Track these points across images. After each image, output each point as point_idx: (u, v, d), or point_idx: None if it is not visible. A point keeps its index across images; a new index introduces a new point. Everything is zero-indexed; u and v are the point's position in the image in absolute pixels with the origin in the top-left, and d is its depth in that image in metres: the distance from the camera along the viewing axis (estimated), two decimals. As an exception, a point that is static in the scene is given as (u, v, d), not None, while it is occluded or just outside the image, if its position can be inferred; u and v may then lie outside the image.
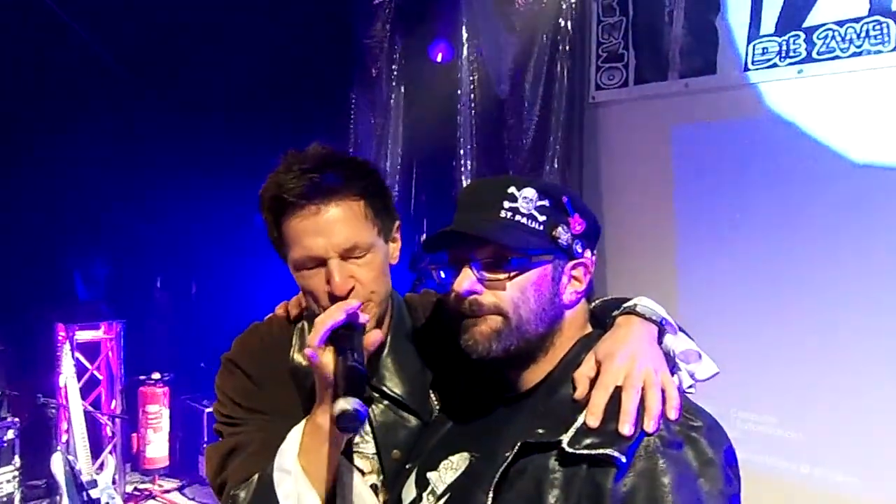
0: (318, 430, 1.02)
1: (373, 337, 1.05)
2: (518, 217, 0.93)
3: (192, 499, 4.24)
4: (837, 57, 2.73)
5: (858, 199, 2.76)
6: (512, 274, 0.93)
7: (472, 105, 3.91)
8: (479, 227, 0.94)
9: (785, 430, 2.99)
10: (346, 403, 0.93)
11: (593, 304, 1.06)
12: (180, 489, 4.36)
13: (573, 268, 0.95)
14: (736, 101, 3.04)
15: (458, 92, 3.90)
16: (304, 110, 4.22)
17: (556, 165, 3.57)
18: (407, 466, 1.06)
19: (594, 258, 0.98)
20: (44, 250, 3.99)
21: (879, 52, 2.61)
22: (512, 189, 0.94)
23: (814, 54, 2.79)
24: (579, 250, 0.95)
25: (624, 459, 0.79)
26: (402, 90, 4.19)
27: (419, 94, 4.09)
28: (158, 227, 4.47)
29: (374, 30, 4.17)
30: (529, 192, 0.93)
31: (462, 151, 3.93)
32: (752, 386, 3.07)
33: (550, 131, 3.60)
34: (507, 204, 0.94)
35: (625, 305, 1.03)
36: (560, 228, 0.93)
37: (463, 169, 3.91)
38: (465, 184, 3.90)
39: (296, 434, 1.05)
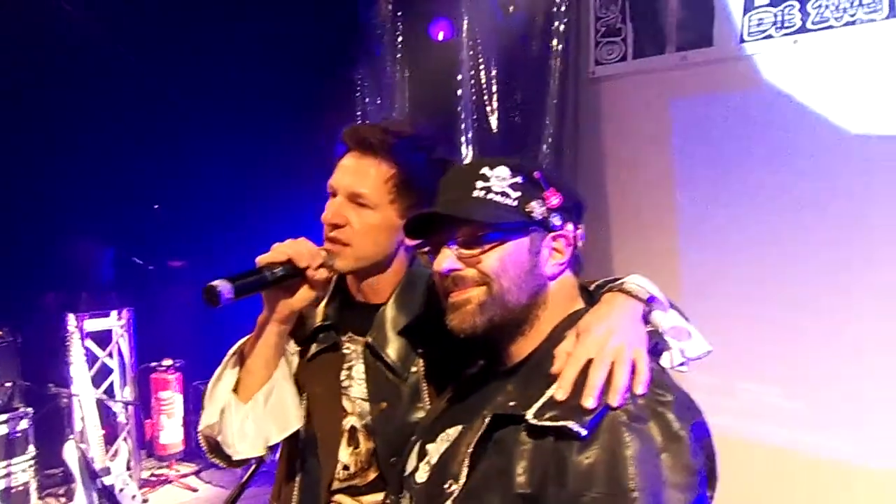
0: (256, 327, 1.23)
1: (319, 275, 1.19)
2: (491, 195, 0.95)
3: (209, 482, 4.30)
4: (831, 26, 2.70)
5: (855, 169, 2.75)
6: (487, 247, 0.96)
7: (472, 83, 3.90)
8: (451, 208, 0.99)
9: (788, 400, 3.01)
10: (217, 281, 1.08)
11: (593, 285, 1.08)
12: (197, 473, 4.42)
13: (553, 239, 0.97)
14: (732, 73, 3.01)
15: (459, 70, 3.89)
16: (309, 92, 4.23)
17: (550, 143, 3.56)
18: (412, 439, 1.10)
19: (579, 231, 0.99)
20: (51, 240, 4.02)
21: (873, 20, 2.58)
22: (484, 170, 0.97)
23: (808, 24, 2.75)
24: (557, 223, 0.96)
25: (584, 432, 0.80)
26: (406, 70, 4.18)
27: (422, 74, 4.08)
28: (166, 213, 4.51)
29: (378, 9, 4.16)
30: (502, 171, 0.95)
31: (463, 130, 3.93)
32: (755, 357, 3.08)
33: (546, 109, 3.59)
34: (479, 184, 0.96)
35: (614, 283, 1.05)
36: (534, 203, 0.95)
37: (465, 148, 3.91)
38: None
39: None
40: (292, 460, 1.32)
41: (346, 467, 1.27)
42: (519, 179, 0.95)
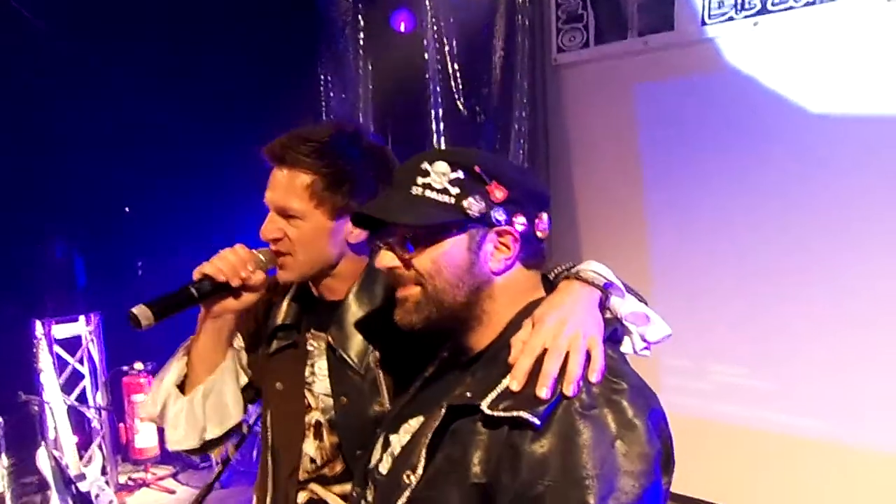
0: (197, 324, 1.30)
1: (251, 280, 1.24)
2: (428, 192, 0.93)
3: (187, 484, 4.27)
4: (792, 7, 2.73)
5: (819, 149, 2.78)
6: (420, 248, 0.95)
7: (439, 74, 3.89)
8: (382, 209, 0.98)
9: (757, 380, 3.05)
10: (137, 308, 1.15)
11: (552, 273, 1.06)
12: (174, 476, 4.38)
13: (499, 235, 0.94)
14: (695, 56, 3.04)
15: (424, 61, 3.88)
16: (273, 89, 4.16)
17: (522, 130, 3.57)
18: (378, 430, 1.09)
19: (538, 221, 0.96)
20: (14, 245, 3.95)
21: (833, 0, 2.61)
22: (424, 164, 0.94)
23: (769, 6, 2.78)
24: (500, 218, 0.93)
25: (538, 422, 0.80)
26: (370, 63, 4.15)
27: (386, 66, 4.06)
28: (132, 214, 4.44)
29: (338, 3, 4.11)
30: (441, 167, 0.93)
31: (433, 122, 3.92)
32: (724, 338, 3.12)
33: (514, 97, 3.59)
34: (419, 180, 0.94)
35: (570, 271, 1.03)
36: (471, 199, 0.92)
37: (435, 139, 3.90)
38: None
39: None
40: (265, 454, 1.37)
41: (312, 460, 1.30)
42: (459, 174, 0.92)
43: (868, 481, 2.76)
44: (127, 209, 4.52)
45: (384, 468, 1.00)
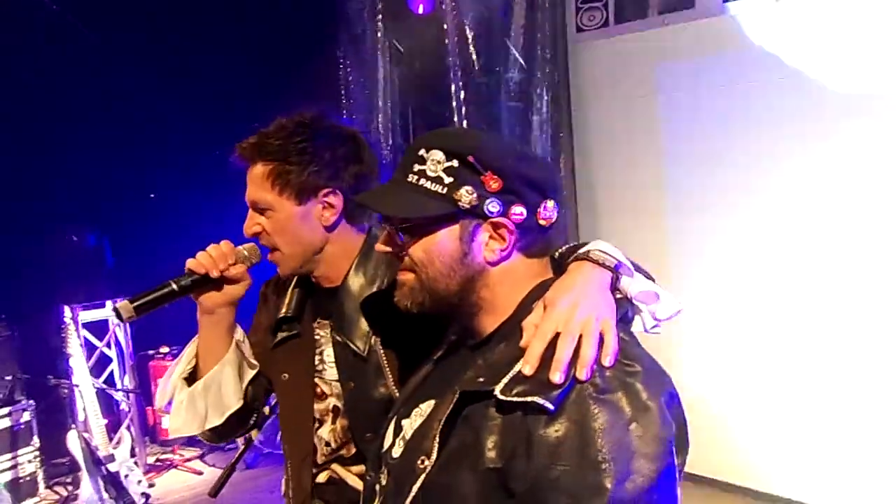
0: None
1: (231, 273, 1.29)
2: (423, 180, 0.93)
3: (213, 465, 4.35)
4: (814, -19, 2.67)
5: (840, 129, 2.73)
6: (412, 238, 0.95)
7: (459, 55, 3.86)
8: (376, 198, 1.00)
9: (780, 364, 3.02)
10: (121, 303, 1.22)
11: (559, 251, 1.05)
12: (201, 457, 4.46)
13: (494, 226, 0.92)
14: (716, 34, 2.99)
15: (444, 43, 3.85)
16: (292, 72, 4.18)
17: (544, 110, 3.54)
18: (389, 415, 1.09)
19: (543, 209, 0.93)
20: (44, 233, 4.02)
21: (856, -26, 2.54)
22: (421, 150, 0.93)
23: (790, -21, 2.72)
24: (494, 209, 0.91)
25: (552, 407, 0.79)
26: (389, 46, 4.13)
27: (405, 49, 4.04)
28: (158, 201, 4.50)
29: (357, -15, 4.10)
30: (437, 154, 0.92)
31: (454, 103, 3.90)
32: (745, 320, 3.09)
33: (534, 77, 3.56)
34: (416, 167, 0.93)
35: (579, 252, 1.01)
36: (464, 190, 0.90)
37: (456, 120, 3.89)
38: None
39: None
40: (283, 444, 1.41)
41: (328, 443, 1.33)
42: (454, 163, 0.91)
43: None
44: (152, 196, 4.58)
45: (397, 452, 1.00)
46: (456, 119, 3.87)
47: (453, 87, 3.88)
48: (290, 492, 1.38)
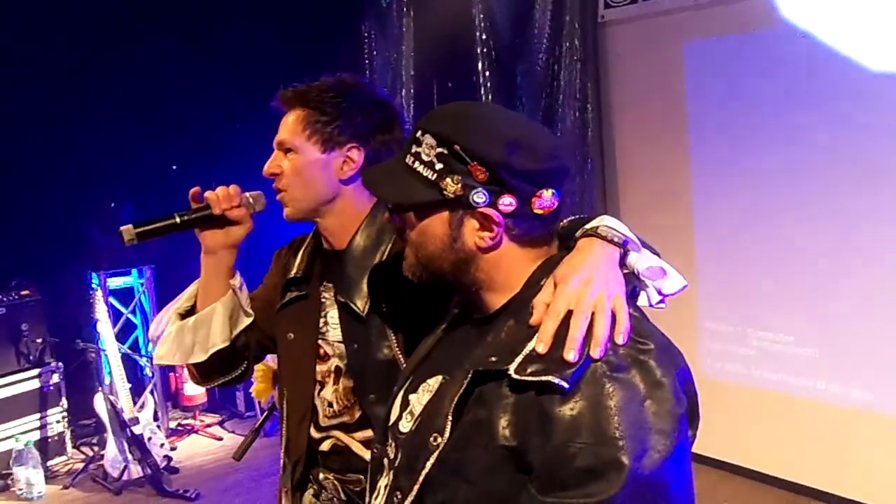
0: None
1: (233, 214, 1.35)
2: (417, 163, 0.93)
3: (233, 432, 4.44)
4: (852, -41, 2.59)
5: (876, 109, 2.67)
6: (406, 220, 0.97)
7: (484, 31, 3.84)
8: (374, 179, 1.02)
9: (800, 347, 3.00)
10: (123, 227, 1.29)
11: (561, 224, 1.04)
12: (220, 423, 4.56)
13: (483, 216, 0.91)
14: (748, 12, 2.93)
15: (470, 17, 3.82)
16: (318, 45, 4.17)
17: (570, 88, 3.51)
18: (395, 389, 1.10)
19: (531, 201, 0.91)
20: (74, 202, 4.10)
21: (895, -49, 2.47)
22: (419, 133, 0.93)
23: (827, -43, 2.65)
24: (479, 200, 0.90)
25: (567, 386, 0.80)
26: (414, 20, 4.11)
27: (431, 23, 4.01)
28: (182, 171, 4.55)
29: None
30: (429, 139, 0.92)
31: (478, 79, 3.88)
32: (767, 305, 3.07)
33: (561, 55, 3.53)
34: (414, 149, 0.94)
35: (586, 227, 1.00)
36: (450, 179, 0.90)
37: (482, 95, 3.87)
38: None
39: None
40: (279, 401, 1.46)
41: (330, 404, 1.37)
42: (444, 150, 0.90)
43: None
44: (175, 167, 4.63)
45: (405, 427, 1.00)
46: (481, 94, 3.86)
47: (479, 64, 3.86)
48: (287, 452, 1.42)
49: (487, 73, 3.87)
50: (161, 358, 1.39)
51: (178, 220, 1.32)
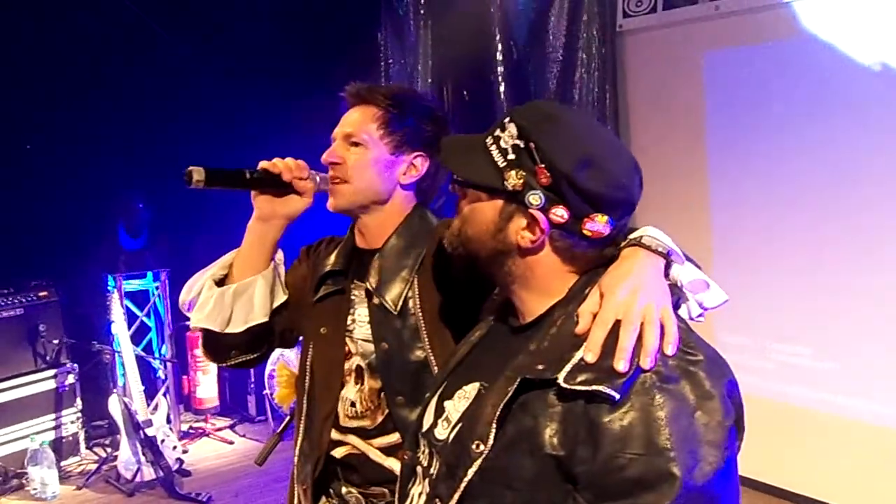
0: (247, 230, 1.39)
1: (300, 186, 1.35)
2: (493, 147, 0.94)
3: (244, 436, 4.45)
4: (876, -32, 2.59)
5: (897, 119, 2.66)
6: (467, 195, 0.99)
7: (501, 39, 3.84)
8: (449, 148, 1.03)
9: (820, 361, 2.98)
10: (194, 167, 1.26)
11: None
12: (231, 427, 4.57)
13: (532, 218, 0.92)
14: (769, 22, 2.92)
15: (486, 24, 3.82)
16: (333, 54, 4.19)
17: (587, 97, 3.50)
18: (427, 395, 1.10)
19: (582, 220, 0.90)
20: (92, 205, 4.12)
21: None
22: (507, 119, 0.95)
23: (850, -32, 2.65)
24: (534, 202, 0.90)
25: (617, 396, 0.80)
26: (429, 28, 4.12)
27: (447, 31, 4.02)
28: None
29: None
30: (512, 128, 0.93)
31: (495, 86, 3.88)
32: (786, 318, 3.06)
33: (579, 64, 3.52)
34: (497, 132, 0.95)
35: (630, 237, 1.00)
36: (514, 172, 0.91)
37: (497, 103, 3.87)
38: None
39: None
40: (300, 398, 1.44)
41: (353, 403, 1.36)
42: (520, 143, 0.92)
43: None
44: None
45: (441, 434, 1.00)
46: (498, 103, 3.86)
47: (496, 72, 3.86)
48: (302, 452, 1.40)
49: (504, 82, 3.87)
50: (200, 322, 1.36)
51: (247, 174, 1.32)
